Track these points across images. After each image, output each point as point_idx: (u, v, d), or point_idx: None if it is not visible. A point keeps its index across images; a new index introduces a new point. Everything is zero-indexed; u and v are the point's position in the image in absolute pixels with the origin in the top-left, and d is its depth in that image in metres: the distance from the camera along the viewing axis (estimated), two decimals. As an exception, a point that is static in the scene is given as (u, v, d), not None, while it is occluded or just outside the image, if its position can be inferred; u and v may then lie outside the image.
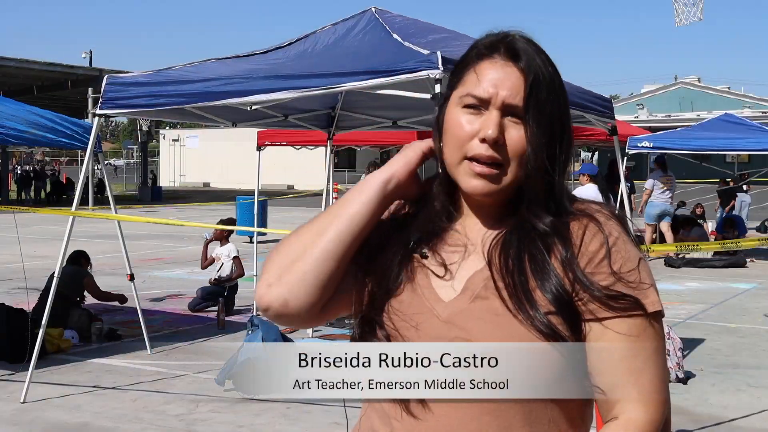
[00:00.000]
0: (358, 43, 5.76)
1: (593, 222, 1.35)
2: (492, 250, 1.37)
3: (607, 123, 6.53)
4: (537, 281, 1.31)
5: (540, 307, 1.29)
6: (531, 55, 1.36)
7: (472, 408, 1.30)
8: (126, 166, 59.17)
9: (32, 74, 34.73)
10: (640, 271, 1.32)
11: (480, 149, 1.33)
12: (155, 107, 6.01)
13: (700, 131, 14.38)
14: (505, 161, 1.34)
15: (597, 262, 1.32)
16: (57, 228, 18.62)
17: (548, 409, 1.32)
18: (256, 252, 9.50)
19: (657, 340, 1.33)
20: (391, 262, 1.41)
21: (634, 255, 1.34)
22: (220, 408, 5.79)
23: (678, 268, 13.42)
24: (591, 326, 1.31)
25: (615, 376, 1.30)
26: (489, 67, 1.37)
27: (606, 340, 1.30)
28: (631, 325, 1.30)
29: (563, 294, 1.30)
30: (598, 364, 1.30)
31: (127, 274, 7.26)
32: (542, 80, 1.35)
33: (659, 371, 1.32)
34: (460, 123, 1.36)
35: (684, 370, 6.55)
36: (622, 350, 1.30)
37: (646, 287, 1.32)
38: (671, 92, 53.93)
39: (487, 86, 1.35)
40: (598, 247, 1.32)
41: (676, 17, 13.30)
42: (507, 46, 1.37)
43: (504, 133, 1.34)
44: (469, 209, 1.44)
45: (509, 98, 1.33)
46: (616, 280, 1.31)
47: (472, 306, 1.33)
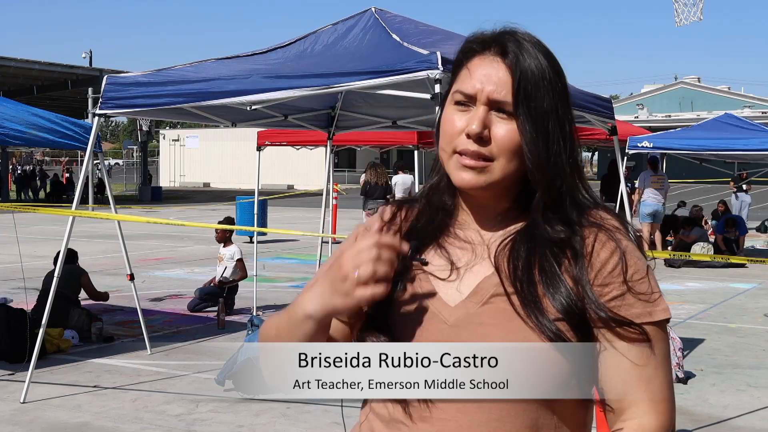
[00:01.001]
0: (357, 43, 5.76)
1: (603, 231, 1.35)
2: (499, 256, 1.36)
3: (607, 123, 6.54)
4: (546, 291, 1.31)
5: (549, 314, 1.29)
6: (521, 50, 1.35)
7: (480, 414, 1.30)
8: (125, 166, 59.18)
9: (32, 74, 34.72)
10: (650, 280, 1.34)
11: (467, 144, 1.34)
12: (155, 107, 6.02)
13: (700, 131, 14.37)
14: (493, 156, 1.34)
15: (608, 272, 1.32)
16: (57, 228, 18.63)
17: (555, 416, 1.32)
18: (256, 252, 9.50)
19: (665, 345, 1.34)
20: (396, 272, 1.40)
21: (642, 264, 1.35)
22: (220, 408, 5.79)
23: (678, 268, 13.42)
24: (602, 332, 1.31)
25: (626, 382, 1.30)
26: (478, 63, 1.37)
27: (617, 347, 1.30)
28: (642, 332, 1.31)
29: (574, 306, 1.30)
30: (609, 371, 1.30)
31: (127, 274, 7.26)
32: (531, 75, 1.33)
33: (668, 376, 1.33)
34: (451, 119, 1.37)
35: (684, 370, 6.55)
36: (633, 357, 1.30)
37: (657, 297, 1.33)
38: (671, 92, 53.97)
39: (474, 82, 1.35)
40: (608, 256, 1.33)
41: (676, 17, 13.30)
42: (498, 42, 1.37)
43: (491, 128, 1.34)
44: (471, 210, 1.43)
45: (494, 93, 1.33)
46: (627, 290, 1.31)
47: (481, 310, 1.32)
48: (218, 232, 9.82)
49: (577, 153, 1.40)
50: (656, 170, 14.71)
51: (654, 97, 53.94)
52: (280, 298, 10.14)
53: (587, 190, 1.41)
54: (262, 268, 11.18)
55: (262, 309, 9.31)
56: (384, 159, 36.66)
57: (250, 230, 15.01)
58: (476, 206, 1.42)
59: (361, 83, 5.02)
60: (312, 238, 15.61)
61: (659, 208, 14.61)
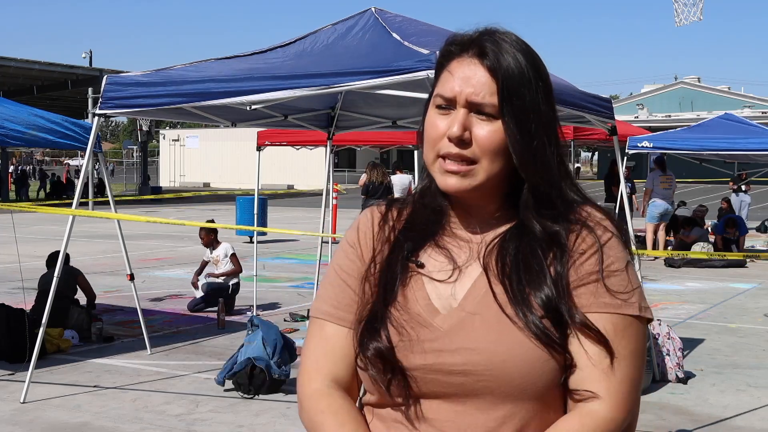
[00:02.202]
0: (357, 43, 5.76)
1: (587, 226, 1.36)
2: (488, 256, 1.37)
3: (606, 123, 6.53)
4: (531, 288, 1.32)
5: (536, 311, 1.30)
6: (500, 50, 1.34)
7: (477, 415, 1.31)
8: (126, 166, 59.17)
9: (32, 74, 34.73)
10: (628, 275, 1.34)
11: (449, 147, 1.35)
12: (155, 107, 6.01)
13: (700, 131, 14.36)
14: (476, 158, 1.34)
15: (584, 264, 1.33)
16: (56, 228, 18.65)
17: (548, 410, 1.33)
18: (256, 252, 9.50)
19: (635, 342, 1.33)
20: (389, 274, 1.40)
21: (622, 257, 1.35)
22: (220, 408, 5.78)
23: (678, 268, 13.43)
24: (573, 325, 1.32)
25: (585, 372, 1.30)
26: (456, 66, 1.37)
27: (579, 339, 1.30)
28: (609, 324, 1.31)
29: (553, 302, 1.31)
30: (575, 360, 1.30)
31: (127, 274, 7.26)
32: (510, 74, 1.33)
33: (630, 371, 1.31)
34: (433, 123, 1.38)
35: (684, 370, 6.55)
36: (591, 351, 1.30)
37: (631, 291, 1.33)
38: (671, 92, 53.99)
39: (453, 85, 1.36)
40: (587, 248, 1.34)
41: (676, 17, 13.28)
42: (476, 43, 1.37)
43: (472, 130, 1.34)
44: (462, 210, 1.43)
45: (472, 96, 1.34)
46: (598, 279, 1.32)
47: (473, 316, 1.33)
48: (203, 237, 9.78)
49: (562, 150, 1.40)
50: (664, 170, 14.73)
51: (654, 97, 53.96)
52: (280, 298, 10.14)
53: (574, 186, 1.41)
54: (262, 268, 11.18)
55: (262, 309, 9.31)
56: (384, 159, 36.68)
57: (250, 230, 15.01)
58: (467, 207, 1.42)
59: (361, 83, 5.02)
60: (312, 238, 15.61)
61: (669, 208, 14.69)
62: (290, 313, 9.04)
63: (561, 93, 5.45)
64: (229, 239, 13.75)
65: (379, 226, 1.47)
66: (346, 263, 1.47)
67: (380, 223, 1.48)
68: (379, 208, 1.52)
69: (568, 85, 5.94)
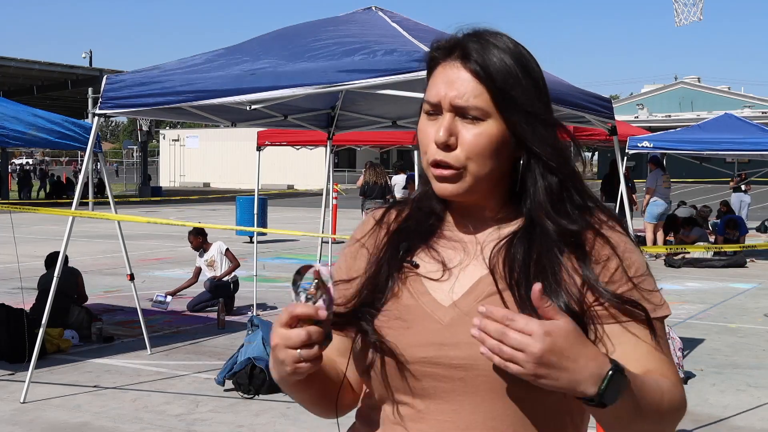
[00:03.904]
0: (359, 30, 5.75)
1: (602, 231, 1.36)
2: (495, 257, 1.36)
3: (606, 123, 6.53)
4: (545, 292, 1.29)
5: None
6: (484, 52, 1.34)
7: (475, 414, 1.31)
8: (126, 166, 59.16)
9: (32, 74, 34.72)
10: (651, 278, 1.37)
11: (437, 153, 1.35)
12: (155, 107, 6.00)
13: (700, 131, 14.37)
14: (464, 162, 1.34)
15: (611, 272, 1.33)
16: (57, 228, 18.64)
17: (547, 409, 1.32)
18: (256, 252, 9.49)
19: (666, 341, 1.40)
20: (384, 272, 1.40)
21: (643, 262, 1.37)
22: (220, 408, 5.78)
23: (678, 268, 13.42)
24: (611, 328, 1.32)
25: (647, 364, 1.32)
26: (440, 71, 1.37)
27: (636, 333, 1.33)
28: (649, 328, 1.35)
29: (572, 308, 1.30)
30: (624, 358, 1.28)
31: (127, 274, 7.26)
32: (496, 75, 1.32)
33: (674, 366, 1.38)
34: (423, 130, 1.38)
35: (684, 370, 6.55)
36: (652, 342, 1.34)
37: (659, 293, 1.37)
38: (671, 92, 53.97)
39: (437, 90, 1.36)
40: (610, 254, 1.34)
41: (676, 17, 13.27)
42: (459, 46, 1.36)
43: (458, 134, 1.34)
44: (461, 212, 1.43)
45: (456, 99, 1.33)
46: (633, 287, 1.33)
47: (475, 310, 1.30)
48: (192, 241, 9.71)
49: (563, 148, 1.39)
50: (664, 170, 14.77)
51: (654, 97, 53.94)
52: (280, 298, 10.14)
53: (585, 190, 1.41)
54: (262, 268, 11.17)
55: (262, 309, 9.31)
56: (384, 159, 36.69)
57: (250, 230, 15.00)
58: (465, 208, 1.42)
59: (361, 83, 5.02)
60: (312, 238, 15.60)
61: (668, 207, 14.75)
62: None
63: (561, 93, 5.45)
64: (229, 239, 13.76)
65: (378, 228, 1.48)
66: (345, 264, 1.49)
67: (379, 225, 1.49)
68: (379, 210, 1.53)
69: (568, 85, 5.94)
